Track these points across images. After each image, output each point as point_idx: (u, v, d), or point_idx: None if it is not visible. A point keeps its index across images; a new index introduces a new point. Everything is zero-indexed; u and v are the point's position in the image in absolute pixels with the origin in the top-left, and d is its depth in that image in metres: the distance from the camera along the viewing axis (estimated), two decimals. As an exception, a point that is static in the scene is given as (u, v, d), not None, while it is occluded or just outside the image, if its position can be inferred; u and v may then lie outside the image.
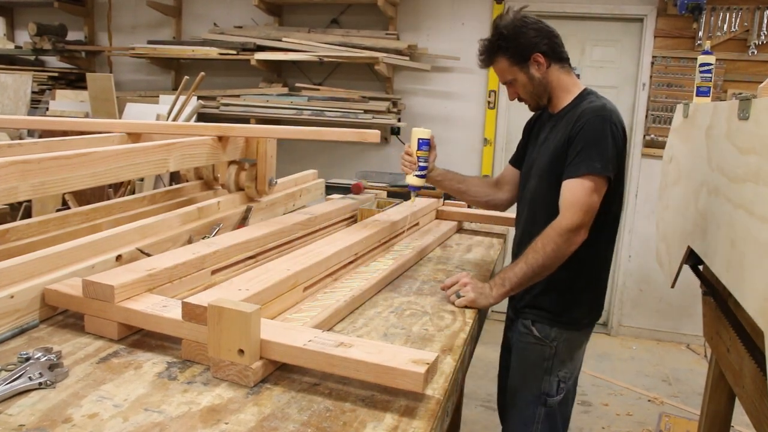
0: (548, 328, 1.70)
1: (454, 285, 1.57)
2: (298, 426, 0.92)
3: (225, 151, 1.98)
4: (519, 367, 1.78)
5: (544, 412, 1.71)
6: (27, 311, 1.21)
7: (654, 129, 3.98)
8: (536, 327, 1.72)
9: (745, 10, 3.74)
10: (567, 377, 1.72)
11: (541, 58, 1.67)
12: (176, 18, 4.76)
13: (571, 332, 1.71)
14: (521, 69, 1.69)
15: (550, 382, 1.71)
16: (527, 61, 1.67)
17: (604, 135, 1.56)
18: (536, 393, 1.71)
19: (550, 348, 1.70)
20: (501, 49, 1.68)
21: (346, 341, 1.05)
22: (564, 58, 1.72)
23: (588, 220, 1.54)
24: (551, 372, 1.71)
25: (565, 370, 1.72)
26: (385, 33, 4.23)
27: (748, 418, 1.35)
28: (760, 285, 1.01)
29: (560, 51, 1.71)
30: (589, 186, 1.54)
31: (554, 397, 1.71)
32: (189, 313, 1.10)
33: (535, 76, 1.68)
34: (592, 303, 1.75)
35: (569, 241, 1.53)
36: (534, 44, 1.66)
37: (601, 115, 1.58)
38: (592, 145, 1.55)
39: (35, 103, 4.63)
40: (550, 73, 1.69)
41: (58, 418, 0.90)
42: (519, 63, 1.68)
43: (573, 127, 1.59)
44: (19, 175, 1.28)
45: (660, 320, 4.19)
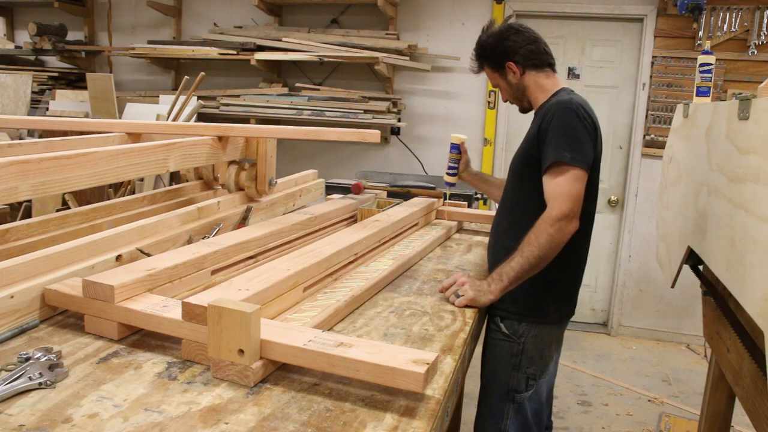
0: (516, 324, 1.72)
1: (452, 286, 1.57)
2: (298, 426, 0.92)
3: (225, 151, 1.98)
4: (489, 363, 1.80)
5: (513, 408, 1.74)
6: (27, 311, 1.21)
7: (654, 129, 3.98)
8: (504, 324, 1.73)
9: (745, 10, 3.74)
10: (537, 374, 1.74)
11: (513, 66, 1.76)
12: (176, 18, 4.76)
13: (539, 328, 1.72)
14: (500, 76, 1.81)
15: (518, 378, 1.73)
16: (503, 69, 1.79)
17: (571, 125, 1.59)
18: (505, 389, 1.74)
19: (517, 344, 1.72)
20: (482, 58, 1.83)
21: (346, 341, 1.05)
22: (540, 64, 1.77)
23: (576, 207, 1.56)
24: (519, 368, 1.73)
25: (534, 366, 1.73)
26: (385, 33, 4.23)
27: (748, 418, 1.35)
28: (760, 285, 1.01)
29: (536, 58, 1.76)
30: (566, 175, 1.56)
31: (522, 393, 1.73)
32: (189, 313, 1.10)
33: (512, 81, 1.79)
34: (561, 298, 1.75)
35: (561, 231, 1.55)
36: (506, 54, 1.76)
37: (567, 107, 1.61)
38: (561, 135, 1.58)
39: (35, 103, 4.63)
40: (526, 79, 1.78)
41: (58, 418, 0.90)
42: (497, 70, 1.81)
43: (542, 121, 1.64)
44: (20, 175, 1.28)
45: (660, 320, 4.19)
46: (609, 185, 4.20)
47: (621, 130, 4.13)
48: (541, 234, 1.55)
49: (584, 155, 1.58)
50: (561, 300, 1.76)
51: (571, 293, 1.79)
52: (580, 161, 1.57)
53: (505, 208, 1.82)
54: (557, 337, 1.81)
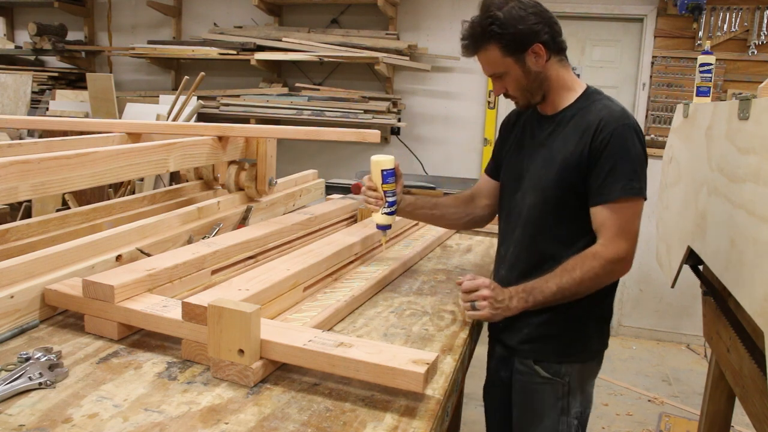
0: (556, 365, 1.47)
1: (473, 292, 1.36)
2: (298, 426, 0.92)
3: (225, 151, 1.98)
4: (526, 412, 1.52)
5: None
6: (27, 311, 1.21)
7: (654, 129, 3.98)
8: (541, 365, 1.47)
9: (745, 10, 3.74)
10: (580, 413, 1.50)
11: (541, 49, 1.40)
12: (176, 18, 4.76)
13: (583, 364, 1.50)
14: (516, 60, 1.40)
15: (568, 423, 1.48)
16: (524, 52, 1.39)
17: (635, 149, 1.35)
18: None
19: (562, 385, 1.46)
20: (494, 36, 1.39)
21: (346, 341, 1.05)
22: (564, 49, 1.47)
23: (633, 250, 1.36)
24: (568, 412, 1.47)
25: (578, 405, 1.49)
26: (385, 33, 4.23)
27: (748, 418, 1.35)
28: (760, 285, 1.01)
29: (561, 41, 1.44)
30: (631, 211, 1.34)
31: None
32: (189, 313, 1.10)
33: (532, 69, 1.41)
34: (602, 330, 1.53)
35: (612, 273, 1.36)
36: (535, 32, 1.38)
37: (626, 124, 1.37)
38: (626, 162, 1.33)
39: (35, 103, 4.63)
40: (549, 68, 1.43)
41: (58, 418, 0.90)
42: (514, 53, 1.39)
43: (593, 137, 1.36)
44: (20, 175, 1.28)
45: (660, 320, 4.19)
46: (609, 185, 4.19)
47: (621, 130, 4.12)
48: (588, 271, 1.33)
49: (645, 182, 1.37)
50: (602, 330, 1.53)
51: (607, 324, 1.55)
52: (645, 192, 1.36)
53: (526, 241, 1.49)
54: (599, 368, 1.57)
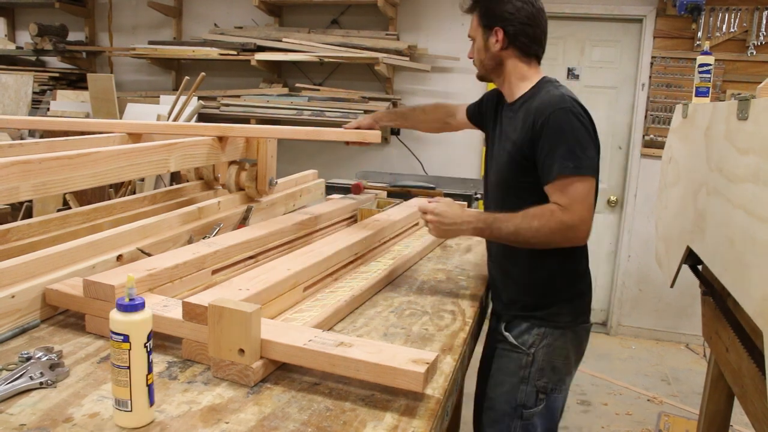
0: (526, 333, 1.58)
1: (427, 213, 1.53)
2: (299, 425, 0.92)
3: (225, 151, 1.98)
4: (495, 375, 1.65)
5: (521, 425, 1.59)
6: (28, 311, 1.22)
7: (653, 129, 3.98)
8: (511, 332, 1.61)
9: (744, 11, 3.74)
10: (549, 388, 1.58)
11: (500, 35, 1.56)
12: (176, 18, 4.76)
13: (552, 337, 1.57)
14: (483, 33, 1.60)
15: (527, 392, 1.58)
16: (489, 29, 1.58)
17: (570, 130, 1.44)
18: (512, 404, 1.59)
19: (527, 355, 1.58)
20: (477, 4, 1.62)
21: (346, 341, 1.05)
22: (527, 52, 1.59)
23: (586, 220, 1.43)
24: (528, 381, 1.58)
25: (545, 379, 1.58)
26: (385, 33, 4.23)
27: (747, 417, 1.36)
28: (759, 285, 1.01)
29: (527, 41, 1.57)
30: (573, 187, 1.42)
31: (531, 409, 1.58)
32: (189, 313, 1.11)
33: (491, 48, 1.59)
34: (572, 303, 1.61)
35: (565, 237, 1.44)
36: (503, 18, 1.56)
37: (562, 107, 1.46)
38: (561, 143, 1.43)
39: (36, 103, 4.63)
40: (506, 56, 1.58)
41: (59, 417, 0.91)
42: (483, 26, 1.60)
43: (533, 123, 1.48)
44: (20, 175, 1.28)
45: (659, 320, 4.20)
46: (608, 185, 4.20)
47: (620, 130, 4.13)
48: (545, 225, 1.41)
49: (589, 161, 1.45)
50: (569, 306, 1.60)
51: (580, 297, 1.62)
52: (588, 168, 1.44)
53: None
54: (575, 346, 1.61)
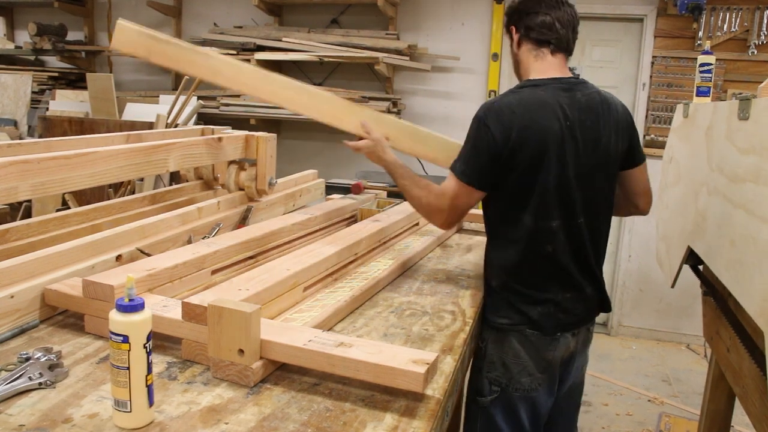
0: (483, 326, 1.65)
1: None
2: (298, 426, 0.92)
3: (225, 151, 1.98)
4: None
5: (480, 412, 1.67)
6: (27, 311, 1.21)
7: (654, 129, 3.98)
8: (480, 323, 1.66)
9: (745, 10, 3.74)
10: (503, 383, 1.60)
11: (514, 34, 1.63)
12: (176, 18, 4.76)
13: (496, 334, 1.60)
14: (507, 38, 1.70)
15: (480, 381, 1.65)
16: (508, 34, 1.67)
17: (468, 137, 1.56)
18: (472, 389, 1.69)
19: (480, 348, 1.65)
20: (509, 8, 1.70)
21: (346, 341, 1.05)
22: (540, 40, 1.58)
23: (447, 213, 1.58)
24: (481, 372, 1.65)
25: (497, 373, 1.61)
26: (385, 33, 4.23)
27: (748, 418, 1.35)
28: (760, 285, 1.01)
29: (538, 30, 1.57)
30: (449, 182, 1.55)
31: (485, 397, 1.64)
32: (189, 313, 1.10)
33: (513, 48, 1.67)
34: (509, 307, 1.59)
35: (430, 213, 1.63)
36: (511, 17, 1.65)
37: (477, 115, 1.55)
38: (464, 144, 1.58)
39: (35, 103, 4.63)
40: (522, 53, 1.63)
41: (58, 418, 0.90)
42: (506, 33, 1.70)
43: None
44: (19, 175, 1.28)
45: (660, 320, 4.19)
46: (609, 185, 4.20)
47: (621, 130, 4.12)
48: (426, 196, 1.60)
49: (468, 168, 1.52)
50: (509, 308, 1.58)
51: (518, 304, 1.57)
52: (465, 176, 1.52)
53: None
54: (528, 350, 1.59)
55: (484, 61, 4.20)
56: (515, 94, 1.54)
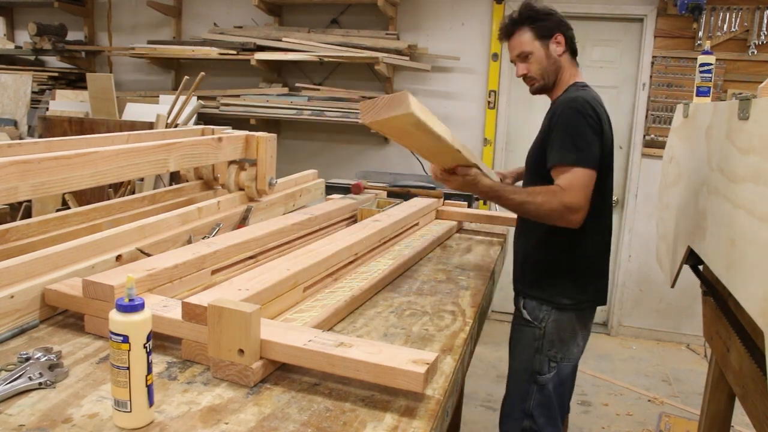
0: (537, 310, 1.81)
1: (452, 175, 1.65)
2: (298, 426, 0.92)
3: (225, 151, 1.98)
4: (513, 347, 1.91)
5: (536, 389, 1.82)
6: (27, 311, 1.21)
7: (654, 129, 3.98)
8: (527, 309, 1.84)
9: (745, 10, 3.74)
10: (559, 357, 1.81)
11: (561, 39, 1.80)
12: (176, 18, 4.76)
13: (558, 313, 1.79)
14: (542, 44, 1.80)
15: (540, 361, 1.81)
16: (549, 38, 1.80)
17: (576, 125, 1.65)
18: (529, 371, 1.83)
19: (539, 329, 1.81)
20: (529, 20, 1.80)
21: (346, 341, 1.05)
22: (575, 51, 1.86)
23: (582, 206, 1.62)
24: (541, 351, 1.81)
25: (555, 350, 1.80)
26: (385, 33, 4.23)
27: (748, 418, 1.35)
28: (760, 285, 1.01)
29: (575, 44, 1.86)
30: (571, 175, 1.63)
31: (545, 375, 1.81)
32: (189, 313, 1.10)
33: (552, 55, 1.80)
34: (576, 286, 1.80)
35: (561, 216, 1.63)
36: (560, 24, 1.81)
37: (572, 106, 1.67)
38: (567, 136, 1.65)
39: (35, 103, 4.63)
40: (564, 59, 1.82)
41: (58, 418, 0.90)
42: (542, 38, 1.79)
43: (550, 118, 1.72)
44: (20, 175, 1.28)
45: (660, 320, 4.19)
46: (609, 185, 4.20)
47: (621, 130, 4.12)
48: (546, 202, 1.62)
49: (591, 154, 1.64)
50: (576, 288, 1.80)
51: (583, 283, 1.81)
52: (588, 161, 1.63)
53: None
54: (580, 323, 1.84)
55: (484, 61, 4.20)
56: (589, 91, 1.77)
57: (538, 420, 1.84)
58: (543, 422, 1.84)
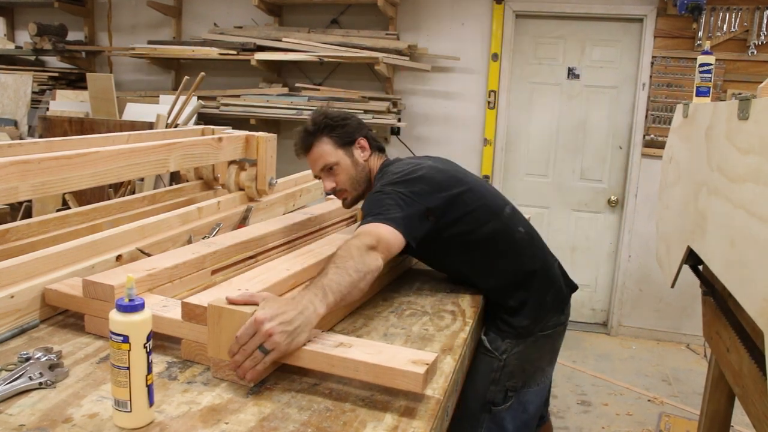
0: (499, 340, 1.66)
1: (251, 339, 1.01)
2: (298, 426, 0.92)
3: (225, 151, 1.98)
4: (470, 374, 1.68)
5: (489, 418, 1.68)
6: (27, 311, 1.22)
7: (654, 129, 3.98)
8: (488, 337, 1.68)
9: (745, 10, 3.74)
10: (517, 386, 1.68)
11: (364, 142, 1.73)
12: (176, 18, 4.76)
13: (522, 344, 1.66)
14: (346, 152, 1.71)
15: (496, 392, 1.67)
16: (352, 144, 1.72)
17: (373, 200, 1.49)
18: (482, 401, 1.68)
19: (498, 360, 1.66)
20: (327, 129, 1.70)
21: (346, 341, 1.05)
22: (382, 149, 1.81)
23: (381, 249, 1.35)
24: (498, 383, 1.67)
25: (515, 380, 1.67)
26: (385, 33, 4.23)
27: (748, 418, 1.35)
28: (760, 285, 1.01)
29: (378, 142, 1.80)
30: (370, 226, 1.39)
31: (500, 405, 1.68)
32: (189, 313, 1.10)
33: (359, 161, 1.72)
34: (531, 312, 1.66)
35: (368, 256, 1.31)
36: (359, 128, 1.75)
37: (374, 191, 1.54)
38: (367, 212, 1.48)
39: (35, 103, 4.62)
40: (372, 161, 1.75)
41: (58, 417, 0.90)
42: (344, 145, 1.71)
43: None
44: (20, 175, 1.28)
45: (660, 320, 4.19)
46: (609, 185, 4.20)
47: (621, 130, 4.12)
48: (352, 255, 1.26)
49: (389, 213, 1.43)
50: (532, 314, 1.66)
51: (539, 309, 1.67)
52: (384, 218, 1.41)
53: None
54: (547, 349, 1.73)
55: (484, 61, 4.20)
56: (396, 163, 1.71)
57: None
58: None
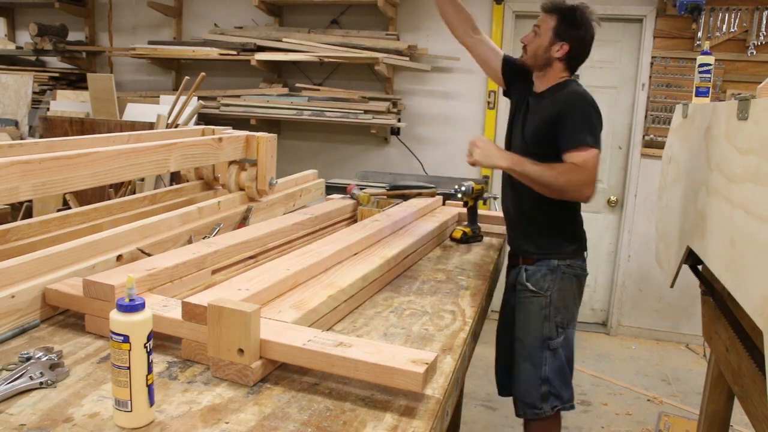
0: (542, 280, 1.98)
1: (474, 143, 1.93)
2: (298, 425, 0.92)
3: (225, 151, 1.98)
4: (523, 318, 2.03)
5: (549, 355, 1.98)
6: (28, 311, 1.22)
7: (653, 129, 3.98)
8: (531, 281, 2.00)
9: (744, 11, 3.74)
10: (564, 323, 1.99)
11: (566, 48, 1.94)
12: (176, 18, 4.76)
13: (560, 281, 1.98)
14: (552, 36, 1.95)
15: (550, 327, 1.97)
16: (558, 38, 1.94)
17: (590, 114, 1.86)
18: (540, 338, 1.97)
19: (545, 297, 1.97)
20: (558, 12, 1.95)
21: (346, 341, 1.05)
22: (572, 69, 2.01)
23: (592, 182, 1.80)
24: (549, 319, 1.97)
25: (560, 316, 1.98)
26: (385, 33, 4.23)
27: (748, 417, 1.36)
28: (759, 285, 1.01)
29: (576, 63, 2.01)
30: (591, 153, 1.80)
31: (555, 339, 1.98)
32: (189, 313, 1.11)
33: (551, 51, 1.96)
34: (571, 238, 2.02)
35: (578, 191, 1.81)
36: (573, 37, 1.94)
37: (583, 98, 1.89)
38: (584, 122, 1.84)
39: (36, 103, 4.62)
40: (557, 63, 1.97)
41: (58, 417, 0.91)
42: (555, 32, 1.94)
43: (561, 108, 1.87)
44: (20, 175, 1.28)
45: (659, 320, 4.20)
46: (608, 185, 4.20)
47: (620, 130, 4.13)
48: (563, 176, 1.79)
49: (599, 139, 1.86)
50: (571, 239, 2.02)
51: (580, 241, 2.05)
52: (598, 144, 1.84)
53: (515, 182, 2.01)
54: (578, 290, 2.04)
55: (484, 62, 4.20)
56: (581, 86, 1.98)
57: (555, 383, 1.98)
58: (559, 384, 1.98)
